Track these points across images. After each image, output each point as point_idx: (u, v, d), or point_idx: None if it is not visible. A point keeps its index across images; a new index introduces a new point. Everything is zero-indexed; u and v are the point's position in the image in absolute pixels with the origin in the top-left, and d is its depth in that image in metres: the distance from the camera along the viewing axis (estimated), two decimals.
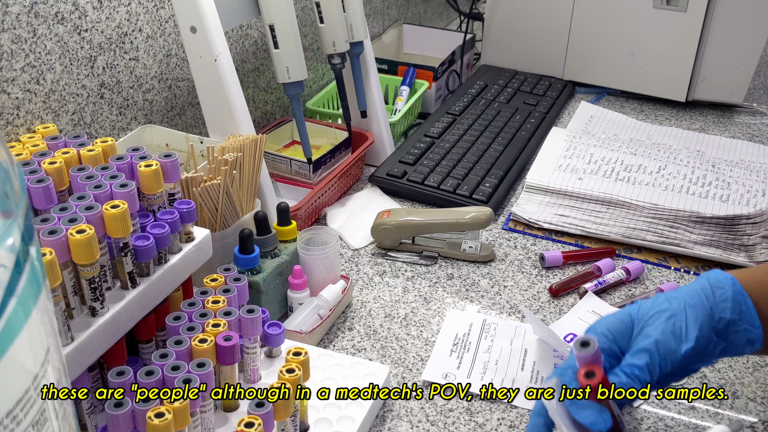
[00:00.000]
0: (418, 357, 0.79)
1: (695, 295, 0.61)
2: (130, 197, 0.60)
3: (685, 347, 0.58)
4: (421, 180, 1.06)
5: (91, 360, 0.58)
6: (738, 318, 0.60)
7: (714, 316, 0.60)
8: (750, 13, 1.26)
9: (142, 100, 0.93)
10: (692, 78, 1.34)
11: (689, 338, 0.59)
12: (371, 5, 1.46)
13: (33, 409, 0.32)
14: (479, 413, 0.72)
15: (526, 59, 1.46)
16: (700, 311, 0.60)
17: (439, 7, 1.84)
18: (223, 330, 0.63)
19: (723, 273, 0.62)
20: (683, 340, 0.59)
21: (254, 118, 1.12)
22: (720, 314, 0.60)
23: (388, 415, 0.72)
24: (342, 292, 0.83)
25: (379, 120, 1.13)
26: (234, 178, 0.79)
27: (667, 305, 0.61)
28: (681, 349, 0.58)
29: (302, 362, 0.64)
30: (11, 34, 0.73)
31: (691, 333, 0.59)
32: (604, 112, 1.34)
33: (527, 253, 0.96)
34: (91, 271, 0.57)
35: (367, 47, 1.08)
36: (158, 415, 0.53)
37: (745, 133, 1.31)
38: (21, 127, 0.77)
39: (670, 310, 0.60)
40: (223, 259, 0.79)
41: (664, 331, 0.59)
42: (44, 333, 0.34)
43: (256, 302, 0.77)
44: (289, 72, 0.94)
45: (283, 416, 0.60)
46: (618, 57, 1.38)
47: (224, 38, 0.85)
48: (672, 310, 0.60)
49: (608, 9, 1.35)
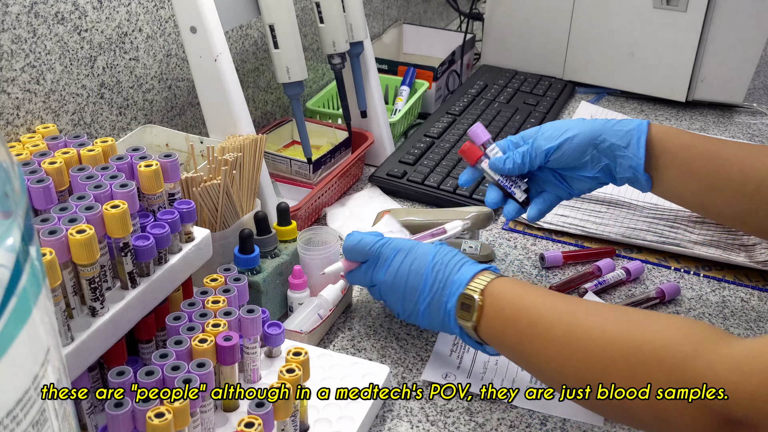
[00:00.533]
0: (418, 357, 0.79)
1: (594, 121, 0.80)
2: (130, 197, 0.60)
3: (548, 146, 0.79)
4: (421, 180, 1.06)
5: (91, 360, 0.58)
6: (624, 145, 0.77)
7: (598, 137, 0.78)
8: (750, 13, 1.26)
9: (142, 100, 0.93)
10: (692, 78, 1.34)
11: (555, 142, 0.78)
12: (371, 5, 1.46)
13: (33, 409, 0.32)
14: (479, 413, 0.72)
15: (526, 59, 1.46)
16: (584, 128, 0.78)
17: (439, 7, 1.84)
18: (223, 330, 0.63)
19: (644, 122, 0.78)
20: (550, 141, 0.79)
21: (254, 118, 1.12)
22: (605, 136, 0.77)
23: (388, 415, 0.72)
24: (342, 291, 0.83)
25: (379, 120, 1.13)
26: (234, 178, 0.79)
27: (563, 123, 0.81)
28: (544, 146, 0.79)
29: (302, 362, 0.64)
30: (11, 34, 0.73)
31: (559, 140, 0.78)
32: (604, 112, 1.34)
33: (527, 253, 0.96)
34: (91, 271, 0.57)
35: (367, 47, 1.08)
36: (158, 415, 0.53)
37: (745, 133, 1.31)
38: (21, 127, 0.77)
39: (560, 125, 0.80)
40: (223, 259, 0.79)
41: (543, 135, 0.80)
42: (44, 333, 0.34)
43: (257, 302, 0.77)
44: (289, 72, 0.94)
45: (283, 416, 0.60)
46: (618, 57, 1.38)
47: (224, 38, 0.85)
48: (560, 126, 0.80)
49: (608, 9, 1.35)
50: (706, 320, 0.85)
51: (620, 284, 0.90)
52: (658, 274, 0.93)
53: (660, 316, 0.61)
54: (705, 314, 0.86)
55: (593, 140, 0.78)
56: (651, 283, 0.91)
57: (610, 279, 0.89)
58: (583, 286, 0.88)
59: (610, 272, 0.90)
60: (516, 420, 0.71)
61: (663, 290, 0.87)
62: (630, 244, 0.97)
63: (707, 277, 0.92)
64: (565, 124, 0.80)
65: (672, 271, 0.93)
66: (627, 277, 0.90)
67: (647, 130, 0.77)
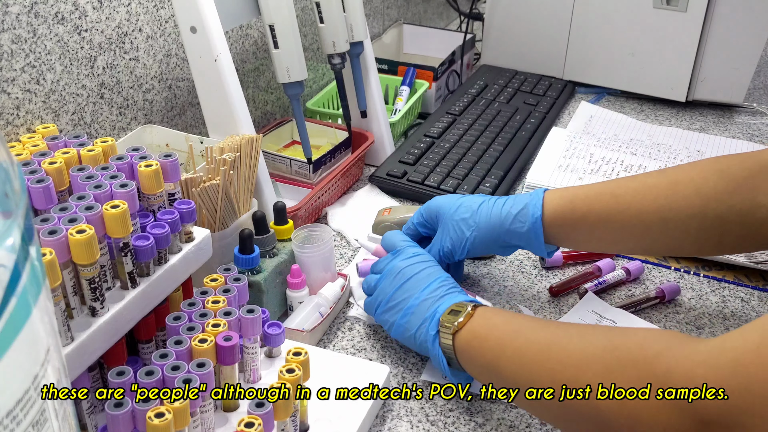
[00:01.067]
0: (418, 357, 0.79)
1: (495, 220, 0.79)
2: (130, 197, 0.60)
3: (457, 257, 0.81)
4: (422, 180, 1.06)
5: (91, 360, 0.58)
6: (525, 243, 0.79)
7: (500, 241, 0.80)
8: (750, 13, 1.26)
9: (142, 100, 0.93)
10: (692, 78, 1.34)
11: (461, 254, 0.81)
12: (371, 5, 1.46)
13: (33, 409, 0.32)
14: (479, 413, 0.72)
15: (526, 59, 1.46)
16: (487, 236, 0.79)
17: (439, 7, 1.84)
18: (223, 330, 0.63)
19: (536, 205, 0.77)
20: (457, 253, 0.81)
21: (254, 118, 1.12)
22: (508, 239, 0.79)
23: (388, 415, 0.72)
24: (341, 289, 0.83)
25: (379, 120, 1.13)
26: (231, 179, 0.79)
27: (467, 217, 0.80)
28: (454, 257, 0.81)
29: (302, 362, 0.64)
30: (11, 34, 0.73)
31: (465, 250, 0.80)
32: (604, 112, 1.34)
33: (527, 253, 0.96)
34: (91, 271, 0.57)
35: (367, 47, 1.08)
36: (158, 415, 0.53)
37: (745, 133, 1.31)
38: (21, 127, 0.77)
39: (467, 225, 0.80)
40: (223, 259, 0.79)
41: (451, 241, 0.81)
42: (44, 333, 0.34)
43: (258, 302, 0.77)
44: (289, 72, 0.94)
45: (283, 416, 0.60)
46: (618, 57, 1.38)
47: (224, 38, 0.85)
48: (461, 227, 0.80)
49: (608, 9, 1.35)
50: (706, 320, 0.85)
51: (620, 284, 0.90)
52: (658, 274, 0.93)
53: (638, 328, 0.62)
54: (705, 314, 0.86)
55: (496, 240, 0.80)
56: (651, 283, 0.91)
57: (610, 279, 0.89)
58: (583, 286, 0.88)
59: (610, 272, 0.90)
60: (516, 420, 0.71)
61: (663, 290, 0.87)
62: None
63: (707, 277, 0.92)
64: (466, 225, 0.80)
65: (672, 271, 0.93)
66: (627, 277, 0.90)
67: (541, 226, 0.77)
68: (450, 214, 0.81)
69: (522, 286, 0.90)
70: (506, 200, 0.80)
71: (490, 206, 0.80)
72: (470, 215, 0.80)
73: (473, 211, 0.80)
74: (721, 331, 0.83)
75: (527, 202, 0.78)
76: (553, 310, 0.86)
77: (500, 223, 0.78)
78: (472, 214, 0.80)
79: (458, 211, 0.81)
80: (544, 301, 0.88)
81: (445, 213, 0.81)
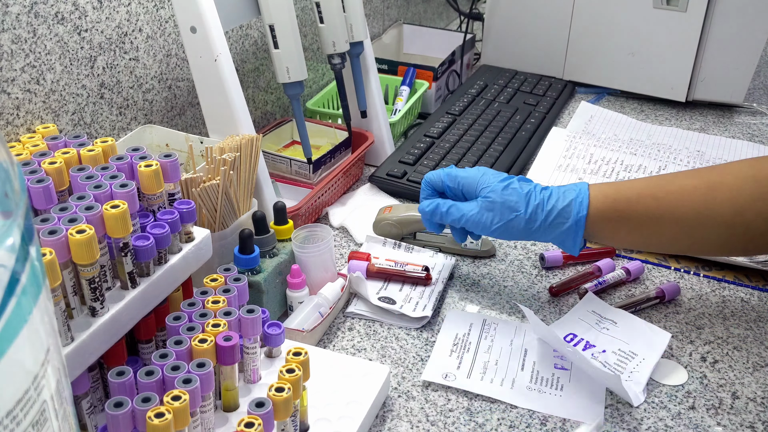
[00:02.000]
0: (418, 357, 0.79)
1: (539, 213, 0.78)
2: (130, 197, 0.60)
3: (483, 232, 0.80)
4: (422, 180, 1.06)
5: (91, 360, 0.58)
6: (557, 240, 0.79)
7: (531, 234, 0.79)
8: (750, 13, 1.26)
9: (142, 100, 0.93)
10: (692, 78, 1.35)
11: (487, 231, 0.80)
12: (371, 5, 1.46)
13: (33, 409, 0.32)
14: (479, 413, 0.72)
15: (526, 59, 1.46)
16: (517, 225, 0.78)
17: (439, 7, 1.84)
18: (223, 330, 0.63)
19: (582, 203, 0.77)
20: (485, 229, 0.80)
21: (254, 118, 1.12)
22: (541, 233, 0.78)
23: (388, 415, 0.72)
24: (341, 289, 0.83)
25: (379, 120, 1.13)
26: (231, 179, 0.79)
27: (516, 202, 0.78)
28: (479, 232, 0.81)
29: (302, 362, 0.64)
30: (11, 34, 0.73)
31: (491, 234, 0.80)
32: (604, 112, 1.34)
33: (527, 253, 0.96)
34: (91, 271, 0.57)
35: (367, 47, 1.08)
36: (158, 415, 0.53)
37: (745, 133, 1.31)
38: (21, 127, 0.77)
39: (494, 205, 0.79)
40: (223, 259, 0.79)
41: (479, 217, 0.79)
42: (44, 333, 0.34)
43: (258, 302, 0.77)
44: (289, 72, 0.94)
45: (283, 416, 0.60)
46: (618, 57, 1.38)
47: (224, 38, 0.85)
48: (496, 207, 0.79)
49: (608, 9, 1.35)
50: (706, 320, 0.85)
51: (620, 284, 0.90)
52: (658, 274, 0.93)
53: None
54: (705, 314, 0.86)
55: (527, 234, 0.79)
56: (651, 283, 0.91)
57: (610, 279, 0.89)
58: (583, 286, 0.88)
59: (610, 272, 0.90)
60: (516, 420, 0.71)
61: (663, 290, 0.87)
62: None
63: (707, 277, 0.92)
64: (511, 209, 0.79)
65: (672, 271, 0.93)
66: (627, 277, 0.90)
67: (584, 225, 0.77)
68: (498, 191, 0.79)
69: (522, 286, 0.90)
70: (551, 192, 0.79)
71: (538, 195, 0.79)
72: (518, 199, 0.78)
73: (521, 196, 0.78)
74: (721, 331, 0.84)
75: (572, 198, 0.77)
76: (553, 310, 0.86)
77: (544, 217, 0.78)
78: (519, 199, 0.78)
79: (506, 191, 0.79)
80: (544, 301, 0.88)
81: (490, 187, 0.80)
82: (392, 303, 0.84)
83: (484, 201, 0.79)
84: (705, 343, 0.82)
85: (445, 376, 0.76)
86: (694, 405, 0.74)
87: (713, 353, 0.80)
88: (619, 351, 0.79)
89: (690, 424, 0.71)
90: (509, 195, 0.78)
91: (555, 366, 0.77)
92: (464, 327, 0.83)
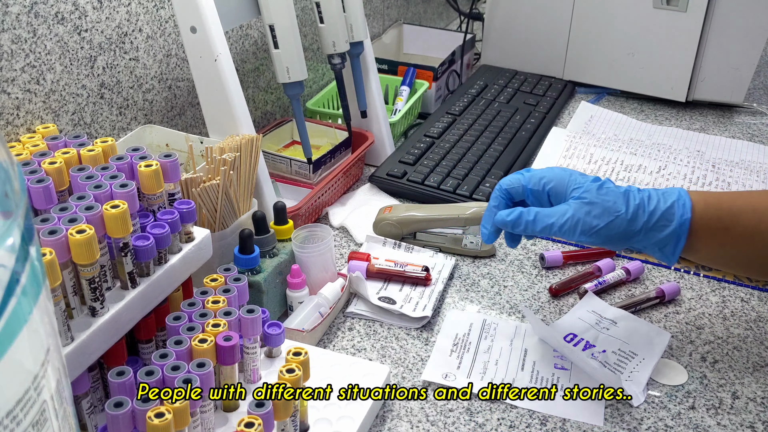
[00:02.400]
0: (418, 357, 0.79)
1: (634, 214, 0.71)
2: (130, 197, 0.60)
3: (579, 238, 0.72)
4: (422, 180, 1.06)
5: (91, 360, 0.58)
6: (654, 248, 0.72)
7: (632, 239, 0.72)
8: (750, 13, 1.26)
9: (142, 100, 0.93)
10: (692, 78, 1.34)
11: (585, 237, 0.72)
12: (371, 5, 1.46)
13: (33, 409, 0.32)
14: (479, 413, 0.72)
15: (526, 59, 1.46)
16: (617, 228, 0.71)
17: (439, 7, 1.84)
18: (223, 330, 0.63)
19: (685, 205, 0.71)
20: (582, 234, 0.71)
21: (254, 118, 1.12)
22: (635, 240, 0.72)
23: (388, 415, 0.72)
24: (341, 289, 0.83)
25: (379, 120, 1.13)
26: (231, 179, 0.79)
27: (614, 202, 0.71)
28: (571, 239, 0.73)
29: (302, 362, 0.64)
30: (11, 34, 0.73)
31: (587, 240, 0.72)
32: (604, 112, 1.34)
33: (527, 253, 0.96)
34: (91, 271, 0.57)
35: (367, 47, 1.08)
36: (158, 415, 0.53)
37: (745, 133, 1.31)
38: (21, 127, 0.77)
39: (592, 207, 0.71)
40: (223, 259, 0.79)
41: (574, 222, 0.71)
42: (44, 333, 0.34)
43: (258, 302, 0.77)
44: (289, 72, 0.94)
45: (283, 416, 0.60)
46: (618, 57, 1.38)
47: (224, 38, 0.85)
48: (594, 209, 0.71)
49: (608, 9, 1.35)
50: (706, 320, 0.85)
51: (620, 284, 0.90)
52: (658, 274, 0.93)
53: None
54: (705, 314, 0.86)
55: (626, 239, 0.72)
56: (651, 283, 0.91)
57: (610, 279, 0.89)
58: (583, 286, 0.88)
59: (610, 272, 0.90)
60: (516, 420, 0.71)
61: (663, 290, 0.87)
62: None
63: (707, 277, 0.92)
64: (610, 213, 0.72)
65: (672, 271, 0.93)
66: (627, 277, 0.90)
67: (687, 231, 0.71)
68: (593, 191, 0.72)
69: (522, 286, 0.90)
70: (650, 193, 0.73)
71: (636, 195, 0.72)
72: (616, 199, 0.72)
73: (618, 196, 0.72)
74: (721, 331, 0.84)
75: (674, 201, 0.71)
76: (553, 310, 0.86)
77: (647, 219, 0.71)
78: (617, 199, 0.72)
79: (602, 190, 0.72)
80: (544, 301, 0.88)
81: (583, 187, 0.72)
82: (392, 303, 0.84)
83: (578, 203, 0.71)
84: (705, 343, 0.82)
85: (445, 376, 0.76)
86: (694, 405, 0.74)
87: (713, 353, 0.80)
88: (619, 351, 0.79)
89: (690, 424, 0.71)
90: (606, 195, 0.71)
91: (555, 366, 0.77)
92: (464, 327, 0.83)
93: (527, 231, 0.74)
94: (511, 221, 0.74)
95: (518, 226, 0.73)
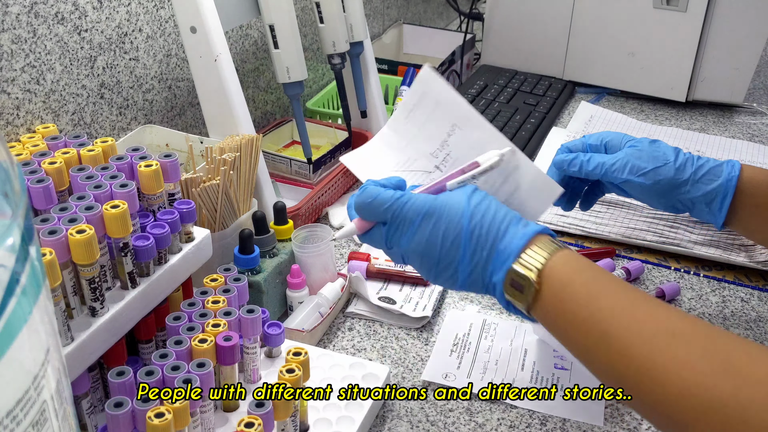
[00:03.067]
0: (418, 357, 0.79)
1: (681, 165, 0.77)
2: (130, 197, 0.60)
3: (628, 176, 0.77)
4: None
5: (91, 360, 0.58)
6: (700, 205, 0.76)
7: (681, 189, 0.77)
8: (750, 13, 1.26)
9: (142, 100, 0.93)
10: (692, 78, 1.34)
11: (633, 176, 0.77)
12: (371, 5, 1.46)
13: (33, 409, 0.32)
14: (479, 413, 0.72)
15: (526, 59, 1.46)
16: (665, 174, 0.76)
17: (439, 7, 1.84)
18: (223, 330, 0.63)
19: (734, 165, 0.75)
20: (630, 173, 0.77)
21: (254, 118, 1.12)
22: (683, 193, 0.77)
23: (388, 415, 0.72)
24: (341, 289, 0.83)
25: (379, 120, 1.13)
26: (231, 179, 0.79)
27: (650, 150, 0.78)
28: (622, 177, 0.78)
29: (302, 362, 0.64)
30: (11, 34, 0.73)
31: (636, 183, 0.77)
32: (604, 112, 1.34)
33: None
34: (91, 271, 0.57)
35: (367, 47, 1.08)
36: (158, 415, 0.53)
37: (745, 133, 1.31)
38: (21, 127, 0.77)
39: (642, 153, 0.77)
40: (223, 259, 0.79)
41: (624, 162, 0.78)
42: (44, 333, 0.34)
43: (258, 302, 0.77)
44: (289, 72, 0.94)
45: (283, 416, 0.60)
46: (618, 57, 1.38)
47: (224, 38, 0.85)
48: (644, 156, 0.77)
49: (608, 9, 1.35)
50: (706, 320, 0.85)
51: None
52: (658, 274, 0.93)
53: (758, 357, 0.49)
54: (705, 314, 0.86)
55: (674, 188, 0.77)
56: (651, 283, 0.91)
57: None
58: None
59: None
60: (516, 420, 0.71)
61: (663, 290, 0.87)
62: (630, 244, 0.97)
63: (707, 277, 0.92)
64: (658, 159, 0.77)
65: (672, 271, 0.93)
66: (627, 277, 0.90)
67: (734, 187, 0.75)
68: (646, 143, 0.79)
69: None
70: (699, 156, 0.78)
71: (686, 154, 0.78)
72: (666, 151, 0.78)
73: (669, 149, 0.78)
74: None
75: (724, 162, 0.76)
76: None
77: (694, 171, 0.76)
78: (667, 151, 0.78)
79: (654, 144, 0.79)
80: None
81: (637, 140, 0.80)
82: (392, 303, 0.84)
83: (631, 149, 0.78)
84: None
85: (445, 376, 0.76)
86: None
87: None
88: None
89: None
90: (657, 147, 0.78)
91: (555, 366, 0.77)
92: (464, 327, 0.83)
93: (582, 169, 0.80)
94: (568, 160, 0.81)
95: (574, 166, 0.80)
